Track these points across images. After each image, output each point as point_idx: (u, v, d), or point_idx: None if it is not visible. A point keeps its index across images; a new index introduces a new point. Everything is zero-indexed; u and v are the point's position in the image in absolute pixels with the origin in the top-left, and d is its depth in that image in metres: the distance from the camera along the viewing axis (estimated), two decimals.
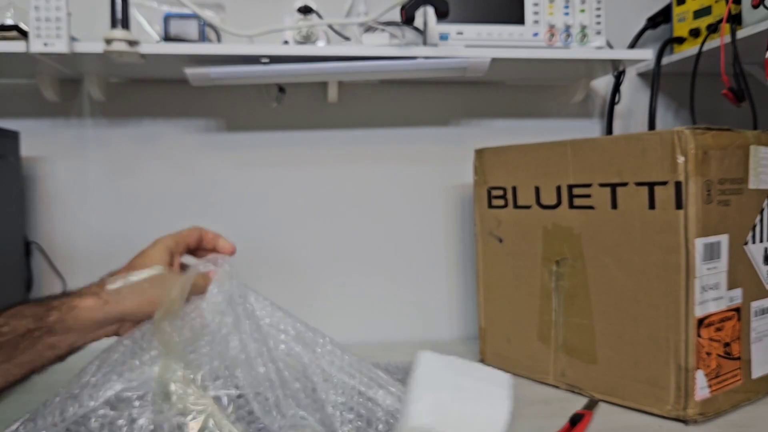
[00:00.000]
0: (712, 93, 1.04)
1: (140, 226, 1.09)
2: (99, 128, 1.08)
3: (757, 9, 0.88)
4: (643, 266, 0.74)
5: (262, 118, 1.11)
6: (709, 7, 1.02)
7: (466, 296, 1.17)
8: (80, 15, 0.90)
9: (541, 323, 0.87)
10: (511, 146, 0.91)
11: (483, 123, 1.17)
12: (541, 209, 0.86)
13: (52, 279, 1.07)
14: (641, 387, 0.75)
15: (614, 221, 0.77)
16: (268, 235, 1.12)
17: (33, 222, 1.06)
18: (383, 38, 1.02)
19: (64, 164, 1.07)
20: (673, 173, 0.70)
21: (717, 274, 0.73)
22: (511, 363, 0.91)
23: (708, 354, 0.72)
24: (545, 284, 0.86)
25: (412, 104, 1.15)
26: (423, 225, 1.15)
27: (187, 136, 1.10)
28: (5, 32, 0.87)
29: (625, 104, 1.18)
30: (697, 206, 0.70)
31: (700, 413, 0.71)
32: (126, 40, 0.85)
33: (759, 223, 0.78)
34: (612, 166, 0.77)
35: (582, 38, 0.98)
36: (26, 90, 1.05)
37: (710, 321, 0.72)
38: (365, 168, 1.14)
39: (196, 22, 0.94)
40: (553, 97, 1.18)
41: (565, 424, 0.71)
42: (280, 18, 1.03)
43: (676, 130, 0.70)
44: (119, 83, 1.08)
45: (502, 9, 0.97)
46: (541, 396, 0.82)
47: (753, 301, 0.77)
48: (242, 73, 0.92)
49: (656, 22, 1.14)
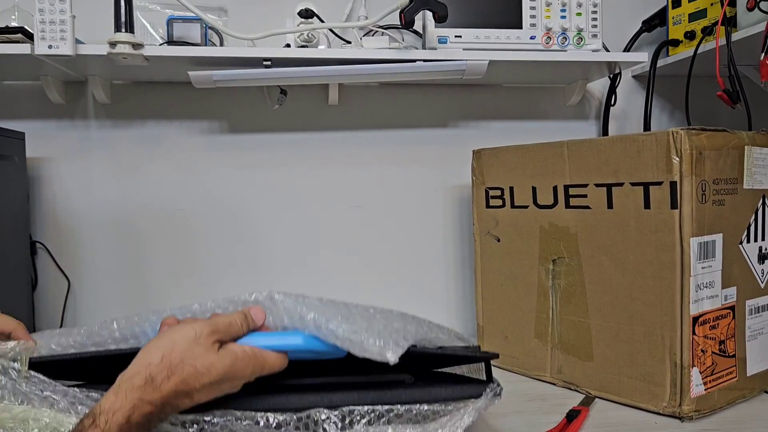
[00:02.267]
0: (707, 95, 1.05)
1: (144, 226, 1.10)
2: (103, 129, 1.09)
3: (752, 11, 0.89)
4: (639, 265, 0.75)
5: (264, 120, 1.12)
6: (705, 9, 1.03)
7: (464, 295, 1.18)
8: (85, 18, 0.92)
9: (538, 321, 0.88)
10: (509, 147, 0.92)
11: (481, 124, 1.18)
12: (538, 209, 0.87)
13: (57, 278, 1.08)
14: (637, 384, 0.76)
15: (610, 221, 0.78)
16: (268, 235, 1.13)
17: (38, 222, 1.08)
18: (383, 41, 1.04)
19: (69, 165, 1.08)
20: (668, 173, 0.71)
21: (712, 272, 0.74)
22: (509, 360, 0.92)
23: (703, 351, 0.73)
24: (542, 283, 0.87)
25: (412, 106, 1.16)
26: (422, 225, 1.17)
27: (190, 137, 1.11)
28: (10, 34, 0.88)
29: (621, 106, 1.19)
30: (692, 206, 0.71)
31: (695, 410, 0.72)
32: (130, 42, 0.86)
33: (753, 222, 0.79)
34: (608, 167, 0.78)
35: (578, 41, 1.00)
36: (31, 92, 1.06)
37: (705, 319, 0.73)
38: (365, 169, 1.15)
39: (199, 25, 0.95)
40: (549, 99, 1.19)
41: (561, 420, 0.72)
42: (282, 21, 1.05)
43: (671, 131, 0.71)
44: (123, 85, 1.09)
45: (500, 13, 0.98)
46: (538, 392, 0.83)
47: (748, 300, 0.78)
48: (244, 75, 0.93)
49: (652, 25, 1.15)
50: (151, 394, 0.48)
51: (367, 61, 0.95)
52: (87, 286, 1.09)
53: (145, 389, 0.48)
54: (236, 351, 0.53)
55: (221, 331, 0.53)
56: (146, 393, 0.48)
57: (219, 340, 0.53)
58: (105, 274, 1.09)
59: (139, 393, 0.48)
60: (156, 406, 0.48)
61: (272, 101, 1.10)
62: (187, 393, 0.50)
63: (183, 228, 1.11)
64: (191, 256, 1.11)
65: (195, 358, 0.50)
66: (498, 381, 0.61)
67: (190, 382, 0.50)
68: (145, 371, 0.49)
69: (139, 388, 0.48)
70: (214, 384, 0.51)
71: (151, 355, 0.50)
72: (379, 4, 1.08)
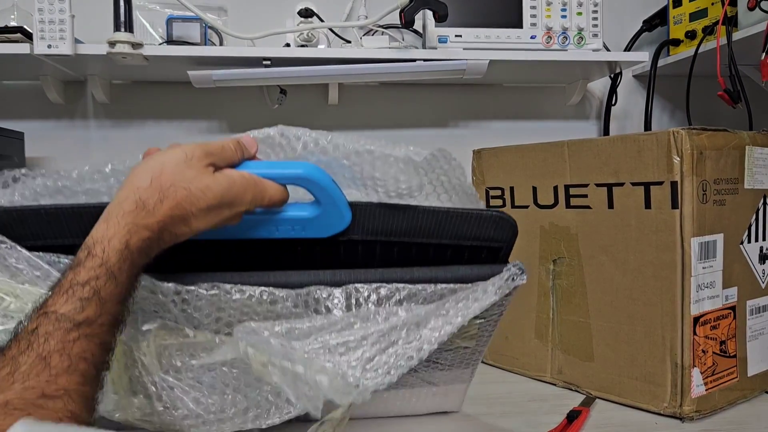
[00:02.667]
0: (708, 94, 1.05)
1: None
2: (102, 129, 1.09)
3: (753, 11, 0.89)
4: (640, 265, 0.75)
5: (264, 120, 1.11)
6: (705, 9, 1.03)
7: None
8: (84, 17, 0.92)
9: (539, 321, 0.88)
10: (509, 147, 0.92)
11: (481, 124, 1.18)
12: (539, 209, 0.87)
13: None
14: (637, 384, 0.76)
15: (611, 221, 0.78)
16: None
17: None
18: (383, 41, 1.03)
19: (68, 165, 1.07)
20: (669, 173, 0.71)
21: (712, 272, 0.73)
22: (509, 360, 0.92)
23: (704, 352, 0.73)
24: (543, 283, 0.87)
25: (412, 106, 1.16)
26: None
27: (189, 137, 1.11)
28: (9, 34, 0.88)
29: (622, 106, 1.19)
30: (693, 206, 0.71)
31: (696, 410, 0.72)
32: (129, 42, 0.86)
33: (754, 222, 0.79)
34: (608, 167, 0.78)
35: (579, 41, 0.99)
36: (30, 91, 1.06)
37: (706, 319, 0.73)
38: None
39: (198, 24, 0.95)
40: (550, 98, 1.19)
41: (562, 421, 0.72)
42: (282, 21, 1.05)
43: (672, 131, 0.71)
44: (123, 85, 1.09)
45: (500, 12, 0.98)
46: (539, 393, 0.83)
47: (748, 300, 0.78)
48: (244, 75, 0.93)
49: (652, 25, 1.15)
50: (146, 218, 0.44)
51: (367, 61, 0.94)
52: None
53: (137, 213, 0.44)
54: (233, 175, 0.49)
55: (215, 154, 0.49)
56: (139, 218, 0.44)
57: (212, 164, 0.48)
58: None
59: (132, 218, 0.44)
60: (153, 231, 0.44)
61: (272, 101, 1.10)
62: (183, 218, 0.46)
63: None
64: None
65: (188, 180, 0.46)
66: (519, 263, 0.55)
67: (185, 205, 0.45)
68: (134, 195, 0.44)
69: (131, 212, 0.44)
70: (212, 208, 0.47)
71: (139, 178, 0.46)
72: (379, 3, 1.08)
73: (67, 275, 0.42)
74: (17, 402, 0.37)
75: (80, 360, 0.40)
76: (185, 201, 0.45)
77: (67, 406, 0.39)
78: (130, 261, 0.43)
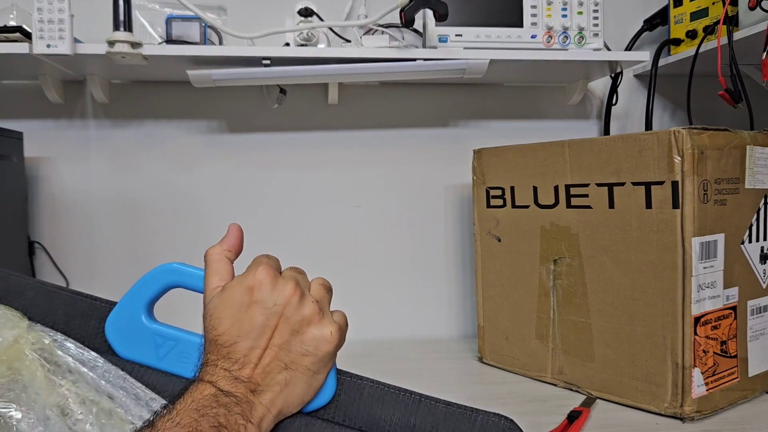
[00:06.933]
0: (709, 94, 1.05)
1: (142, 225, 1.09)
2: (102, 129, 1.09)
3: (754, 10, 0.89)
4: (640, 265, 0.75)
5: (264, 120, 1.12)
6: (706, 8, 1.03)
7: (464, 295, 1.17)
8: (83, 17, 0.91)
9: (539, 321, 0.88)
10: (509, 147, 0.92)
11: (481, 124, 1.17)
12: (539, 209, 0.87)
13: (55, 278, 1.07)
14: (638, 384, 0.76)
15: (611, 220, 0.78)
16: (268, 234, 1.13)
17: (36, 222, 1.07)
18: (383, 40, 1.03)
19: (67, 165, 1.08)
20: (670, 173, 0.71)
21: (713, 272, 0.73)
22: (510, 361, 0.92)
23: (705, 352, 0.72)
24: (543, 283, 0.87)
25: (412, 105, 1.15)
26: (422, 224, 1.16)
27: (189, 137, 1.11)
28: (9, 34, 0.88)
29: (622, 105, 1.19)
30: (694, 205, 0.70)
31: (696, 411, 0.72)
32: (129, 41, 0.86)
33: (755, 222, 0.78)
34: (609, 166, 0.78)
35: (579, 40, 0.99)
36: (30, 91, 1.06)
37: (707, 319, 0.73)
38: (365, 168, 1.15)
39: (198, 24, 0.95)
40: (550, 98, 1.19)
41: (562, 421, 0.72)
42: (282, 20, 1.05)
43: (672, 130, 0.71)
44: (122, 84, 1.09)
45: (501, 11, 0.98)
46: (539, 393, 0.83)
47: (749, 300, 0.78)
48: (244, 74, 0.93)
49: (653, 24, 1.15)
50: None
51: (367, 60, 0.94)
52: (85, 286, 1.09)
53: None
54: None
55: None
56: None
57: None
58: (103, 274, 1.09)
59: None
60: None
61: (272, 100, 1.09)
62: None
63: (182, 228, 1.11)
64: (191, 257, 1.10)
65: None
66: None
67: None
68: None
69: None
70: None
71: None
72: (379, 2, 1.08)
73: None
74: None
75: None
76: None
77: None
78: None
